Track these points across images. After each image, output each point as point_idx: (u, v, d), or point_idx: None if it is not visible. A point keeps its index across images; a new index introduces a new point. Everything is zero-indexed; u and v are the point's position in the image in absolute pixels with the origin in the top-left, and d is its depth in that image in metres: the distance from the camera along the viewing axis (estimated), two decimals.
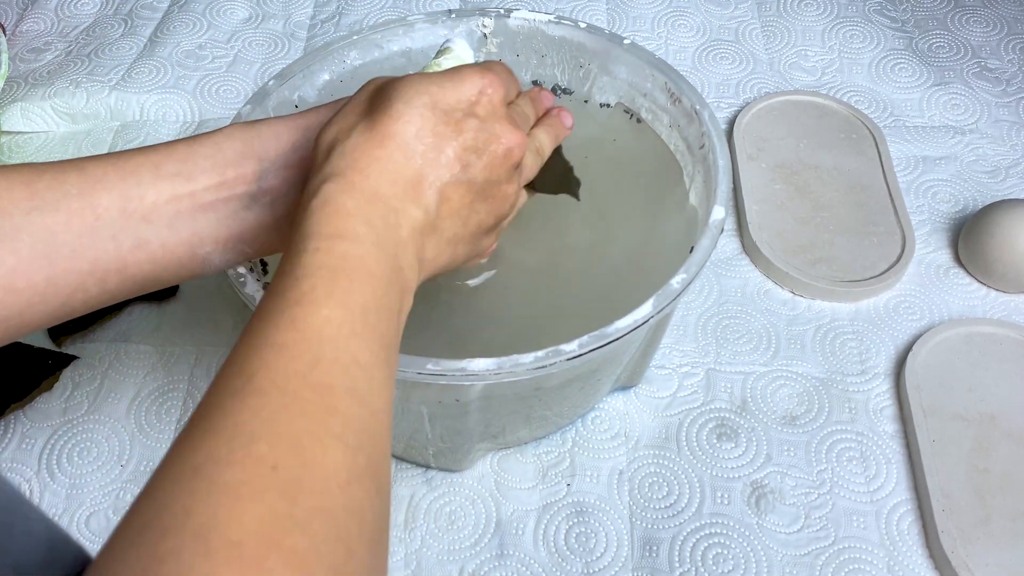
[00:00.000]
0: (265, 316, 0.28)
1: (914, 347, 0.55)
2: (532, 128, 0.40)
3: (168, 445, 0.53)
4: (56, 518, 0.51)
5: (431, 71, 0.45)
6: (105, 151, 0.71)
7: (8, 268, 0.32)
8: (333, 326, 0.28)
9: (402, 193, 0.33)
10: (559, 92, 0.57)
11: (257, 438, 0.25)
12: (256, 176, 0.37)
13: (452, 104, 0.34)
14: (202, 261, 0.37)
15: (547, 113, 0.42)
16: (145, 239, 0.35)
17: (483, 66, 0.36)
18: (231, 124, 0.38)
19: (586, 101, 0.56)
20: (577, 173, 0.46)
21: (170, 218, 0.35)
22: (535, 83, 0.57)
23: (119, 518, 0.50)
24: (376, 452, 0.27)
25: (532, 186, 0.42)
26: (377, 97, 0.34)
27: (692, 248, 0.44)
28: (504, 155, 0.36)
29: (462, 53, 0.46)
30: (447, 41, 0.48)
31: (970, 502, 0.49)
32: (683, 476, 0.51)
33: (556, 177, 0.43)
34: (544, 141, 0.41)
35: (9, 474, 0.53)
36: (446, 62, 0.46)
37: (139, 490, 0.51)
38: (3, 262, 0.32)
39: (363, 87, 0.36)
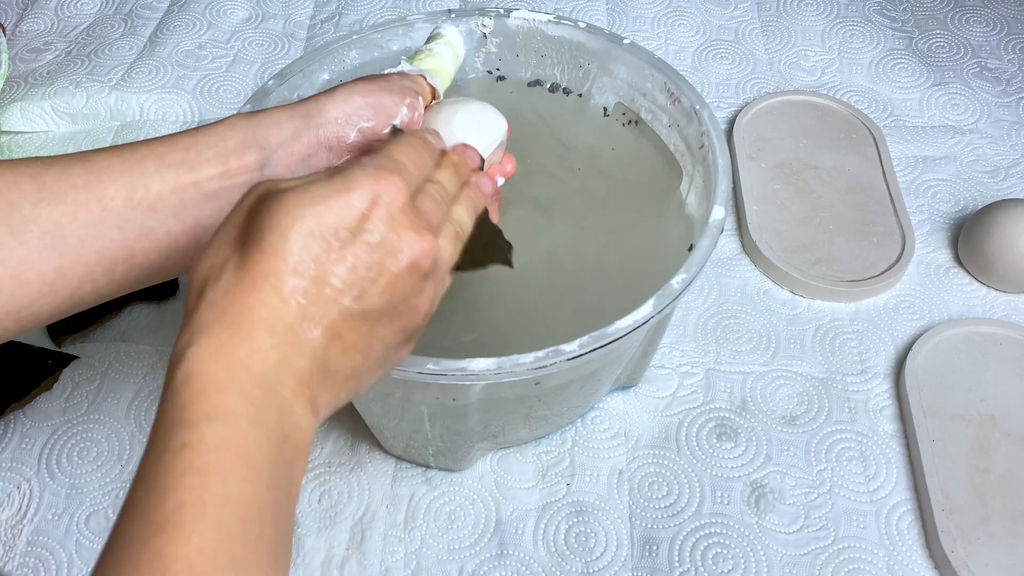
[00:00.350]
0: (125, 550, 0.23)
1: (914, 347, 0.55)
2: (454, 201, 0.35)
3: None
4: (56, 518, 0.51)
5: (422, 58, 0.46)
6: None
7: (18, 259, 0.32)
8: (207, 558, 0.23)
9: (282, 343, 0.27)
10: (559, 92, 0.57)
11: None
12: (259, 164, 0.38)
13: (337, 224, 0.29)
14: None
15: (467, 183, 0.36)
16: (151, 228, 0.35)
17: (378, 167, 0.30)
18: (234, 115, 0.39)
19: (579, 95, 0.56)
20: (577, 177, 0.46)
21: (175, 207, 0.36)
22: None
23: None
24: None
25: (456, 267, 0.35)
26: (252, 222, 0.29)
27: (692, 248, 0.44)
28: (408, 270, 0.30)
29: (452, 39, 0.47)
30: (437, 27, 0.48)
31: (970, 502, 0.49)
32: (683, 476, 0.51)
33: (481, 249, 0.37)
34: (464, 220, 0.35)
35: (9, 474, 0.53)
36: (437, 47, 0.47)
37: None
38: (13, 253, 0.32)
39: (245, 195, 0.30)
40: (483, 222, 0.36)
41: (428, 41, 0.47)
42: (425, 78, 0.45)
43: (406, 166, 0.32)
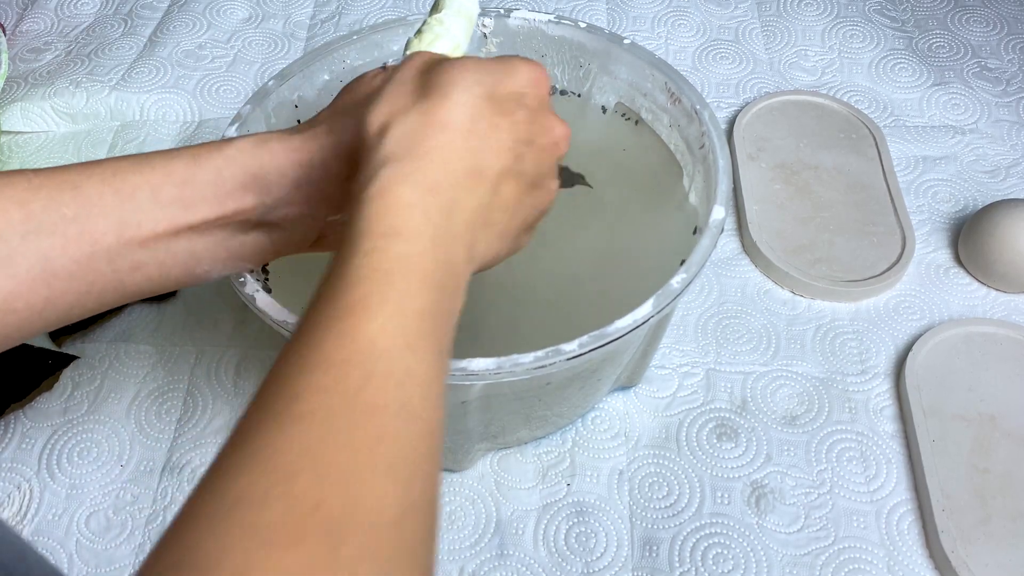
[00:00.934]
0: (313, 328, 0.26)
1: (914, 347, 0.55)
2: None
3: (167, 446, 0.53)
4: (56, 518, 0.51)
5: (430, 40, 0.41)
6: (105, 151, 0.71)
7: (7, 291, 0.32)
8: (387, 337, 0.26)
9: (459, 183, 0.31)
10: (559, 93, 0.57)
11: (298, 472, 0.23)
12: (256, 210, 0.36)
13: (506, 94, 0.33)
14: (199, 276, 0.37)
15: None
16: (142, 262, 0.35)
17: (529, 60, 0.35)
18: (236, 141, 0.36)
19: (578, 95, 0.56)
20: (579, 173, 0.46)
21: (167, 243, 0.35)
22: None
23: (118, 517, 0.51)
24: (429, 478, 0.26)
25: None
26: (430, 81, 0.32)
27: (692, 247, 0.43)
28: (552, 147, 0.35)
29: (463, 2, 0.41)
30: None
31: (970, 502, 0.49)
32: (683, 476, 0.51)
33: (565, 174, 0.43)
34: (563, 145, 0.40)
35: (9, 474, 0.53)
36: (447, 18, 0.41)
37: (140, 493, 0.51)
38: (2, 286, 0.32)
39: (404, 65, 0.34)
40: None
41: (434, 9, 0.41)
42: None
43: (545, 69, 0.36)
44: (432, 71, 0.33)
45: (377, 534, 0.23)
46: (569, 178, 0.42)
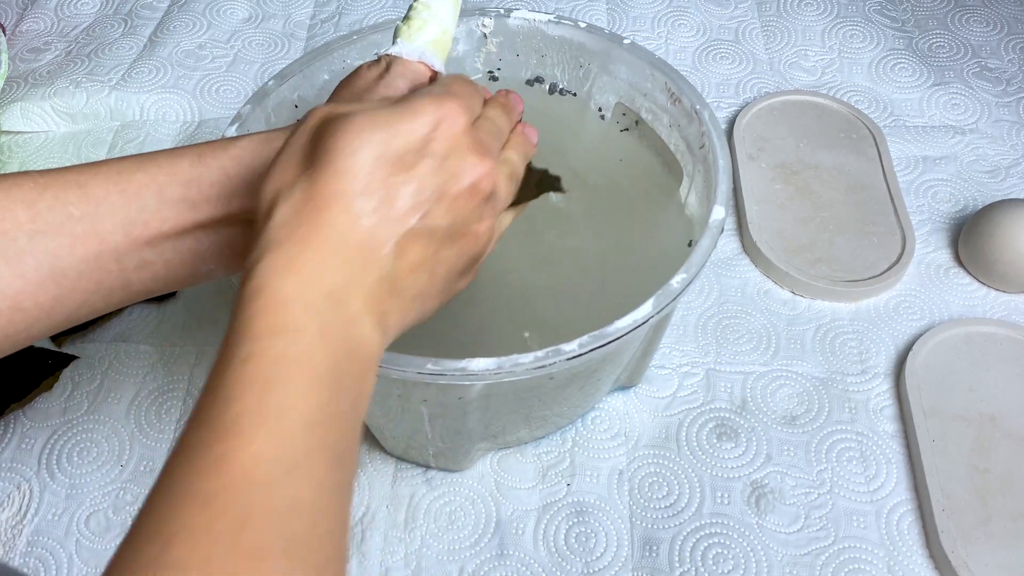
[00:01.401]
0: (188, 453, 0.24)
1: (914, 347, 0.55)
2: (504, 145, 0.35)
3: (167, 446, 0.53)
4: (56, 518, 0.51)
5: (419, 25, 0.40)
6: (105, 151, 0.71)
7: (16, 290, 0.32)
8: (265, 464, 0.24)
9: (351, 260, 0.28)
10: (559, 93, 0.57)
11: None
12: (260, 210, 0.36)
13: (403, 147, 0.29)
14: (205, 275, 0.37)
15: (512, 130, 0.37)
16: (149, 261, 0.35)
17: (439, 94, 0.31)
18: (241, 140, 0.36)
19: (574, 94, 0.56)
20: (577, 176, 0.45)
21: (174, 242, 0.35)
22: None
23: (118, 517, 0.51)
24: None
25: (513, 203, 0.36)
26: (318, 144, 0.29)
27: (692, 247, 0.43)
28: (469, 192, 0.31)
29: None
30: None
31: (970, 502, 0.49)
32: (683, 476, 0.51)
33: (531, 187, 0.38)
34: (515, 162, 0.35)
35: (9, 474, 0.53)
36: (433, 1, 0.41)
37: (140, 493, 0.51)
38: (10, 285, 0.32)
39: (305, 119, 0.31)
40: (531, 169, 0.38)
41: (411, 11, 0.40)
42: (424, 63, 0.40)
43: (464, 96, 0.32)
44: (322, 133, 0.29)
45: None
46: (538, 186, 0.39)
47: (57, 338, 0.59)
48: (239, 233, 0.37)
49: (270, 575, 0.22)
